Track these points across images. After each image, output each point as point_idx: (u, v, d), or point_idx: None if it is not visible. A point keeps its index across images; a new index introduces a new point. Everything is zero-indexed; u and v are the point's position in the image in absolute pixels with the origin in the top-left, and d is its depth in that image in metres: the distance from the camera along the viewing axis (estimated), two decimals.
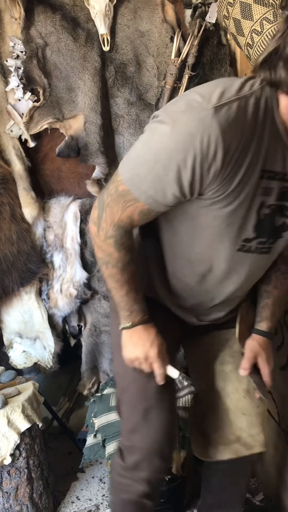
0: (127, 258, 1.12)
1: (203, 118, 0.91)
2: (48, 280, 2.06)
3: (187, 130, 0.92)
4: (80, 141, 2.00)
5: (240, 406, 1.33)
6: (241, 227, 1.09)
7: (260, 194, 1.05)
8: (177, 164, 0.94)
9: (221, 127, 0.91)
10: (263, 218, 1.09)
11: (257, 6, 1.53)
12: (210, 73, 1.92)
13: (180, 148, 0.93)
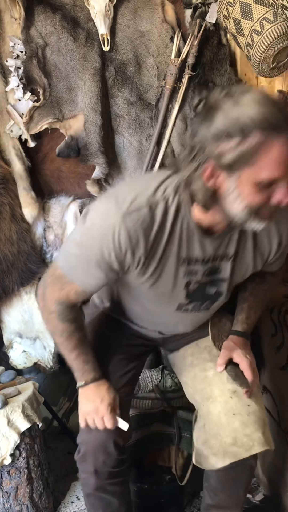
0: (71, 328, 1.30)
1: (114, 223, 1.11)
2: None
3: (101, 232, 1.13)
4: (80, 141, 2.00)
5: (230, 407, 1.31)
6: (173, 298, 1.29)
7: (184, 276, 1.24)
8: (96, 258, 1.16)
9: (128, 231, 1.11)
10: (192, 292, 1.28)
11: (257, 6, 1.53)
12: (210, 73, 1.92)
13: (97, 246, 1.15)
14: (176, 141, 2.02)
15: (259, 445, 1.27)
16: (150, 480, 1.69)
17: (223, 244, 1.24)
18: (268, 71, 1.63)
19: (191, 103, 1.95)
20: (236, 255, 1.27)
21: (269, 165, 0.97)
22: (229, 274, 1.29)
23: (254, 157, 0.95)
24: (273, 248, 1.29)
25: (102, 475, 1.32)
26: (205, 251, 1.22)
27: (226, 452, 1.27)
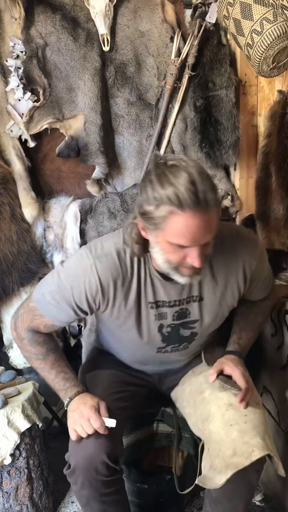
0: (43, 350, 1.39)
1: (86, 266, 1.27)
2: None
3: (75, 273, 1.28)
4: (80, 141, 2.00)
5: (226, 419, 1.30)
6: (149, 342, 1.39)
7: (155, 319, 1.35)
8: (68, 297, 1.29)
9: (99, 274, 1.26)
10: (167, 335, 1.38)
11: (257, 6, 1.53)
12: (210, 73, 1.92)
13: (69, 286, 1.28)
14: (176, 141, 2.02)
15: (258, 450, 1.24)
16: (150, 480, 1.69)
17: (186, 288, 1.33)
18: (268, 71, 1.63)
19: (191, 103, 1.95)
20: (201, 298, 1.36)
21: (174, 233, 1.13)
22: (198, 316, 1.38)
23: (163, 223, 1.13)
24: (239, 280, 1.36)
25: (94, 485, 1.30)
26: (169, 295, 1.33)
27: (228, 465, 1.24)
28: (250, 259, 1.35)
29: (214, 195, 1.11)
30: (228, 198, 2.04)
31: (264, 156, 1.80)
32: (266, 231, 1.84)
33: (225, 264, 1.33)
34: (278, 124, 1.74)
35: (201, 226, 1.10)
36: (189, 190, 1.07)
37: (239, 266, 1.35)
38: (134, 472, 1.68)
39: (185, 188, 1.07)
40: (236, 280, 1.36)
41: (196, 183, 1.08)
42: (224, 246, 1.31)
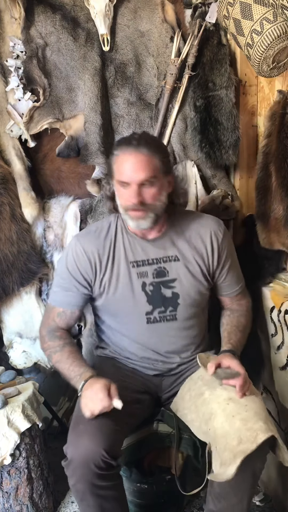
0: (61, 342, 1.56)
1: (72, 244, 1.57)
2: (48, 280, 2.06)
3: (65, 254, 1.59)
4: (80, 141, 2.00)
5: (228, 412, 1.34)
6: (137, 305, 1.53)
7: (137, 278, 1.53)
8: (67, 275, 1.55)
9: (82, 245, 1.54)
10: (151, 294, 1.53)
11: (257, 6, 1.53)
12: (210, 73, 1.92)
13: (65, 266, 1.56)
14: (176, 141, 2.02)
15: (262, 433, 1.27)
16: (150, 480, 1.69)
17: (162, 248, 1.55)
18: (268, 71, 1.63)
19: (191, 103, 1.95)
20: (177, 258, 1.55)
21: (117, 172, 1.45)
22: (176, 275, 1.54)
23: (113, 167, 1.46)
24: (208, 248, 1.57)
25: (90, 478, 1.32)
26: (147, 254, 1.54)
27: (236, 454, 1.26)
28: (217, 230, 1.59)
29: (152, 148, 1.41)
30: (228, 198, 2.04)
31: (264, 156, 1.80)
32: (266, 231, 1.84)
33: (195, 231, 1.57)
34: (278, 124, 1.73)
35: (133, 162, 1.41)
36: (126, 137, 1.46)
37: (207, 233, 1.57)
38: (134, 472, 1.68)
39: (126, 139, 1.45)
40: (204, 246, 1.57)
41: (134, 134, 1.46)
42: (194, 219, 1.61)
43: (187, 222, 1.59)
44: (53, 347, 1.56)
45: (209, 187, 2.07)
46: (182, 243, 1.56)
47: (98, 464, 1.30)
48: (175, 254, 1.55)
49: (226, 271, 1.62)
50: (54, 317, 1.60)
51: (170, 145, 2.03)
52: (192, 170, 2.02)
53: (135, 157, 1.41)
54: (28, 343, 2.11)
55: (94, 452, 1.30)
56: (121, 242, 1.55)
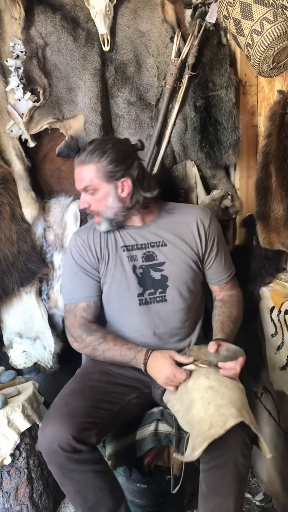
0: (101, 333, 1.61)
1: (72, 240, 1.70)
2: (48, 280, 2.06)
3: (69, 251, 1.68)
4: (80, 141, 2.00)
5: (205, 399, 1.35)
6: (130, 287, 1.61)
7: (128, 261, 1.63)
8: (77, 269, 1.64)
9: (81, 237, 1.67)
10: (141, 276, 1.62)
11: (257, 6, 1.53)
12: (210, 73, 1.92)
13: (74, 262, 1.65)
14: (176, 141, 2.02)
15: (232, 418, 1.26)
16: (150, 480, 1.69)
17: (149, 234, 1.65)
18: (268, 71, 1.63)
19: (191, 103, 1.95)
20: (164, 243, 1.64)
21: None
22: (164, 258, 1.63)
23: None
24: (194, 234, 1.65)
25: (59, 461, 1.36)
26: (136, 239, 1.64)
27: (205, 438, 1.27)
28: (203, 217, 1.67)
29: (95, 159, 1.54)
30: (228, 198, 2.04)
31: (264, 156, 1.80)
32: (266, 231, 1.84)
33: (182, 220, 1.67)
34: (278, 124, 1.73)
35: (77, 174, 1.58)
36: (80, 151, 1.58)
37: (193, 221, 1.66)
38: (134, 472, 1.68)
39: (80, 150, 1.59)
40: (192, 234, 1.65)
41: (85, 148, 1.57)
42: (181, 209, 1.71)
43: (174, 212, 1.69)
44: (94, 340, 1.59)
45: (209, 187, 2.07)
46: (170, 230, 1.65)
47: (63, 447, 1.33)
48: (162, 240, 1.64)
49: (213, 258, 1.69)
50: (81, 314, 1.64)
51: (170, 145, 2.03)
52: (192, 170, 2.02)
53: (76, 170, 1.58)
54: (28, 343, 2.11)
55: (59, 434, 1.33)
56: (115, 234, 1.66)
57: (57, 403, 1.46)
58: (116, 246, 1.64)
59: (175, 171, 2.02)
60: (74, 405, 1.42)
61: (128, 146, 1.63)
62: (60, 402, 1.45)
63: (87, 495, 1.40)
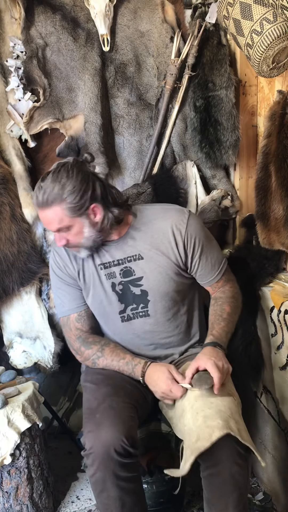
0: (98, 347, 1.59)
1: (51, 255, 1.67)
2: (48, 280, 2.06)
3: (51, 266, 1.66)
4: (80, 141, 2.00)
5: (195, 409, 1.34)
6: (111, 305, 1.59)
7: (107, 278, 1.59)
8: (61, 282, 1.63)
9: (57, 252, 1.64)
10: (121, 293, 1.58)
11: (257, 6, 1.53)
12: (210, 73, 1.92)
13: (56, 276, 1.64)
14: (176, 141, 2.02)
15: (218, 430, 1.25)
16: (150, 480, 1.70)
17: (125, 246, 1.57)
18: (268, 71, 1.63)
19: (191, 103, 1.95)
20: (140, 257, 1.57)
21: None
22: (142, 273, 1.57)
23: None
24: (171, 242, 1.55)
25: (111, 466, 1.32)
26: (112, 255, 1.58)
27: (193, 450, 1.26)
28: (178, 223, 1.55)
29: (54, 200, 1.44)
30: (228, 198, 2.04)
31: (264, 156, 1.80)
32: (266, 231, 1.84)
33: (157, 227, 1.56)
34: (278, 124, 1.73)
35: (44, 218, 1.49)
36: (36, 194, 1.48)
37: (168, 227, 1.55)
38: None
39: (35, 193, 1.49)
40: (168, 242, 1.55)
41: (40, 189, 1.47)
42: (155, 216, 1.59)
43: (148, 220, 1.58)
44: (92, 354, 1.58)
45: (209, 187, 2.07)
46: (144, 241, 1.57)
47: (119, 451, 1.31)
48: (138, 253, 1.57)
49: (197, 261, 1.59)
50: (75, 325, 1.63)
51: (170, 145, 2.03)
52: (192, 170, 2.02)
53: (41, 213, 1.50)
54: (28, 343, 2.11)
55: (115, 438, 1.31)
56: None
57: (99, 407, 1.40)
58: (93, 263, 1.59)
59: (175, 171, 2.02)
60: (118, 407, 1.39)
61: (82, 168, 1.48)
62: (104, 406, 1.40)
63: (126, 500, 1.37)
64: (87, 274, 1.60)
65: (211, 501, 1.37)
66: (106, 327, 1.66)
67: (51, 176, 1.46)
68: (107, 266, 1.59)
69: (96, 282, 1.59)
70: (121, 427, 1.33)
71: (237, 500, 1.32)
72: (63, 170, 1.45)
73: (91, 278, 1.60)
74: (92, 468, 1.35)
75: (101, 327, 1.68)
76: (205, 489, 1.38)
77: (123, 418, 1.36)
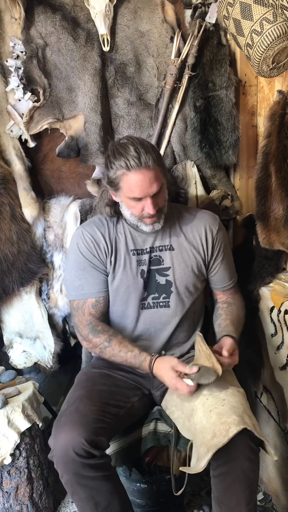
0: (106, 336, 1.57)
1: (77, 234, 1.65)
2: (48, 280, 2.06)
3: (74, 245, 1.63)
4: (80, 141, 2.00)
5: (207, 407, 1.36)
6: (135, 289, 1.61)
7: (137, 265, 1.61)
8: (85, 263, 1.60)
9: (88, 231, 1.62)
10: (146, 280, 1.62)
11: (257, 6, 1.53)
12: (210, 73, 1.92)
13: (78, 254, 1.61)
14: (176, 141, 2.02)
15: (234, 426, 1.27)
16: (150, 480, 1.70)
17: (158, 238, 1.63)
18: (268, 71, 1.63)
19: (191, 103, 1.95)
20: (172, 247, 1.64)
21: (128, 189, 1.48)
22: (170, 263, 1.63)
23: (120, 183, 1.49)
24: (202, 240, 1.65)
25: (73, 468, 1.35)
26: (145, 243, 1.63)
27: (209, 447, 1.27)
28: (212, 224, 1.67)
29: (154, 158, 1.45)
30: (228, 198, 2.04)
31: (264, 156, 1.80)
32: (266, 231, 1.84)
33: (191, 225, 1.66)
34: (278, 124, 1.73)
35: (145, 179, 1.45)
36: (134, 156, 1.43)
37: (202, 226, 1.66)
38: (134, 472, 1.68)
39: (131, 156, 1.43)
40: (200, 238, 1.65)
41: (139, 151, 1.43)
42: (190, 213, 1.70)
43: (184, 216, 1.68)
44: (100, 343, 1.58)
45: (209, 187, 2.07)
46: (178, 234, 1.65)
47: (79, 452, 1.32)
48: (170, 244, 1.63)
49: (219, 264, 1.70)
50: (89, 310, 1.61)
51: (170, 145, 2.03)
52: (192, 170, 2.02)
53: (147, 174, 1.45)
54: (28, 343, 2.11)
55: (73, 440, 1.33)
56: (122, 232, 1.63)
57: (66, 410, 1.44)
58: (125, 248, 1.61)
59: (175, 171, 2.02)
60: (84, 410, 1.41)
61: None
62: (70, 409, 1.43)
63: (99, 500, 1.39)
64: (118, 258, 1.60)
65: (221, 500, 1.37)
66: (123, 316, 1.65)
67: (137, 141, 1.48)
68: (139, 252, 1.62)
69: (127, 267, 1.61)
70: (81, 430, 1.34)
71: (249, 497, 1.34)
72: (136, 138, 1.52)
73: (121, 262, 1.60)
74: (59, 470, 1.38)
75: (111, 314, 1.67)
76: (215, 488, 1.38)
77: (85, 420, 1.37)
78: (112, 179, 1.50)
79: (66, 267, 1.68)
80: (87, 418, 1.38)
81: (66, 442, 1.33)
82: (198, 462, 1.29)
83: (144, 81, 2.00)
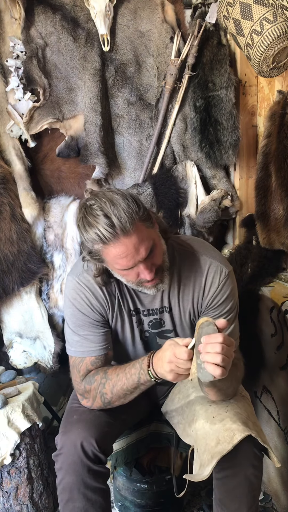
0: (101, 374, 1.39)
1: (74, 285, 1.40)
2: (48, 280, 2.06)
3: (72, 298, 1.40)
4: (80, 141, 2.00)
5: (209, 413, 1.33)
6: (135, 351, 1.49)
7: (136, 326, 1.46)
8: (83, 318, 1.40)
9: (85, 283, 1.40)
10: (147, 340, 1.49)
11: (257, 6, 1.53)
12: (210, 73, 1.92)
13: (78, 310, 1.41)
14: (176, 141, 2.02)
15: (239, 432, 1.24)
16: (150, 480, 1.70)
17: (156, 299, 1.44)
18: (268, 71, 1.63)
19: (191, 103, 1.96)
20: (170, 308, 1.45)
21: (114, 262, 1.24)
22: (171, 326, 1.47)
23: (103, 257, 1.25)
24: (199, 293, 1.43)
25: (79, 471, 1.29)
26: (143, 304, 1.45)
27: (213, 455, 1.25)
28: (214, 275, 1.41)
29: (132, 217, 1.18)
30: (228, 198, 2.04)
31: (264, 156, 1.80)
32: (266, 231, 1.84)
33: (192, 280, 1.42)
34: (278, 124, 1.73)
35: (129, 248, 1.19)
36: (107, 225, 1.16)
37: (200, 278, 1.42)
38: (134, 472, 1.68)
39: (102, 226, 1.17)
40: (197, 297, 1.43)
41: (111, 216, 1.16)
42: (192, 263, 1.42)
43: (184, 269, 1.43)
44: (98, 385, 1.39)
45: (209, 187, 2.07)
46: (177, 293, 1.44)
47: (88, 452, 1.29)
48: (168, 305, 1.45)
49: (217, 312, 1.44)
50: (88, 368, 1.42)
51: (170, 145, 2.03)
52: (192, 170, 2.02)
53: (128, 242, 1.19)
54: (28, 343, 2.11)
55: (86, 439, 1.30)
56: (120, 291, 1.43)
57: (79, 408, 1.41)
58: (126, 308, 1.44)
59: (175, 171, 2.02)
60: (95, 412, 1.39)
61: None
62: (83, 409, 1.40)
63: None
64: (119, 316, 1.44)
65: (223, 502, 1.36)
66: (120, 361, 1.48)
67: (106, 200, 1.19)
68: (138, 312, 1.46)
69: (127, 326, 1.46)
70: (93, 430, 1.32)
71: (251, 501, 1.32)
72: (103, 195, 1.22)
73: (123, 322, 1.45)
74: (61, 472, 1.32)
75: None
76: (217, 490, 1.36)
77: (98, 422, 1.35)
78: (91, 252, 1.26)
79: (65, 316, 1.47)
80: (100, 420, 1.36)
81: (78, 440, 1.30)
82: (202, 469, 1.27)
83: (144, 81, 2.00)
